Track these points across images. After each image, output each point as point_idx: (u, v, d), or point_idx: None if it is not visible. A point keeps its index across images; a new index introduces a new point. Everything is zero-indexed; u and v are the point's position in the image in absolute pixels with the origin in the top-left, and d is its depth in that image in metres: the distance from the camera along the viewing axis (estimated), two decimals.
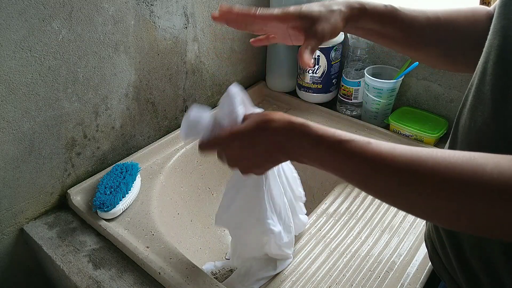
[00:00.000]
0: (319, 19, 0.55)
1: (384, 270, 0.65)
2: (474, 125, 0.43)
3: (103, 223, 0.72)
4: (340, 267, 0.67)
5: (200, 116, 0.55)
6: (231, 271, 0.74)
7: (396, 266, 0.66)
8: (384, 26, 0.57)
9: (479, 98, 0.43)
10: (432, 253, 0.55)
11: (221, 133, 0.52)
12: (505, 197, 0.32)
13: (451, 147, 0.48)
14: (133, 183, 0.77)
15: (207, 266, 0.75)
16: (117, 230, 0.71)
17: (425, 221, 0.68)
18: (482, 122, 0.42)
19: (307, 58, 0.52)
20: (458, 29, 0.56)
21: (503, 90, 0.39)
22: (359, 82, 0.98)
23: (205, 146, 0.55)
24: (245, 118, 0.54)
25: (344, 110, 1.03)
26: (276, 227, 0.62)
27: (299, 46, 1.05)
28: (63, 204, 0.80)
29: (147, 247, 0.69)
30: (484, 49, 0.43)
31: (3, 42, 0.61)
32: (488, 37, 0.43)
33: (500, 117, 0.40)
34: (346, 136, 0.42)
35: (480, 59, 0.44)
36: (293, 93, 1.10)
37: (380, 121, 0.97)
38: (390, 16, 0.56)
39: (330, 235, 0.73)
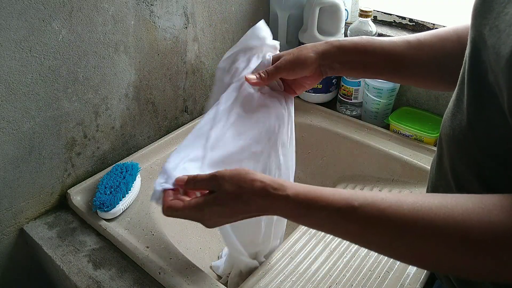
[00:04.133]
0: (284, 55, 0.57)
1: (384, 270, 0.65)
2: (453, 133, 0.43)
3: (103, 223, 0.72)
4: (340, 267, 0.67)
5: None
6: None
7: (396, 266, 0.66)
8: (365, 56, 0.56)
9: (458, 107, 0.43)
10: None
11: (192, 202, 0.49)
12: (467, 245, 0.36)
13: (439, 155, 0.48)
14: (133, 183, 0.77)
15: (217, 263, 0.77)
16: (117, 230, 0.71)
17: None
18: (460, 131, 0.42)
19: (250, 77, 0.56)
20: (441, 49, 0.55)
21: (477, 99, 0.40)
22: (359, 82, 0.98)
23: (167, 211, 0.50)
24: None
25: (344, 110, 1.03)
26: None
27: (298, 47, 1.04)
28: (63, 204, 0.80)
29: (147, 247, 0.69)
30: (464, 60, 0.44)
31: (3, 42, 0.61)
32: (467, 47, 0.43)
33: (475, 127, 0.40)
34: (330, 205, 0.42)
35: (461, 69, 0.44)
36: None
37: (380, 121, 0.97)
38: (368, 45, 0.56)
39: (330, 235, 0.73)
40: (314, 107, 1.03)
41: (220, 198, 0.47)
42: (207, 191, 0.49)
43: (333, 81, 1.04)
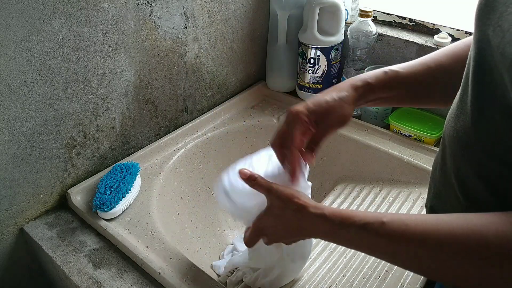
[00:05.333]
0: (328, 110, 0.56)
1: (384, 270, 0.65)
2: (457, 134, 0.43)
3: (103, 223, 0.72)
4: (340, 267, 0.67)
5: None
6: (233, 271, 0.74)
7: (396, 266, 0.66)
8: (391, 91, 0.59)
9: (462, 108, 0.43)
10: None
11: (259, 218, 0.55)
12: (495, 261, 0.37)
13: (442, 156, 0.48)
14: (133, 183, 0.77)
15: (219, 263, 0.77)
16: (117, 230, 0.71)
17: None
18: (464, 132, 0.42)
19: (309, 158, 0.56)
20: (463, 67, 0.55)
21: (480, 100, 0.40)
22: None
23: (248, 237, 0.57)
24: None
25: None
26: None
27: (300, 47, 1.05)
28: (63, 204, 0.80)
29: (147, 247, 0.69)
30: (467, 61, 0.44)
31: (3, 42, 0.61)
32: (471, 48, 0.43)
33: (479, 128, 0.40)
34: (361, 220, 0.46)
35: (465, 70, 0.44)
36: (293, 93, 1.10)
37: (380, 121, 0.97)
38: (394, 81, 0.58)
39: None
40: None
41: (269, 210, 0.54)
42: None
43: (333, 81, 1.04)
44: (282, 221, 0.53)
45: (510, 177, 0.38)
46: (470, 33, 0.95)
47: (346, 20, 1.02)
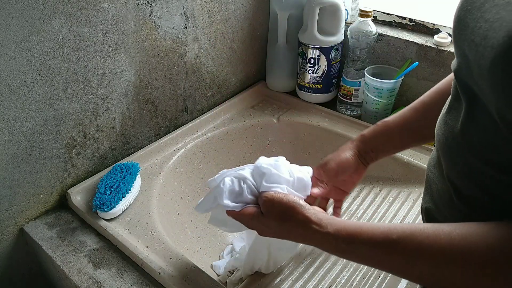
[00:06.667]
0: (328, 161, 0.65)
1: None
2: (446, 140, 0.45)
3: (103, 223, 0.72)
4: (340, 267, 0.67)
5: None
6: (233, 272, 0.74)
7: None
8: (387, 138, 0.64)
9: (451, 114, 0.45)
10: None
11: (249, 211, 0.55)
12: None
13: (436, 158, 0.49)
14: (133, 183, 0.77)
15: (219, 263, 0.77)
16: (117, 230, 0.71)
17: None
18: (452, 138, 0.43)
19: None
20: (444, 101, 0.58)
21: (468, 109, 0.41)
22: (359, 82, 0.98)
23: (232, 215, 0.57)
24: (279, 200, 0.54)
25: (344, 110, 1.03)
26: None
27: (300, 47, 1.05)
28: (63, 204, 0.80)
29: (147, 247, 0.69)
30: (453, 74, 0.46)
31: (3, 42, 0.61)
32: (453, 62, 0.45)
33: (467, 134, 0.41)
34: (370, 239, 0.45)
35: (453, 81, 0.46)
36: (293, 93, 1.10)
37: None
38: (384, 128, 0.65)
39: None
40: (314, 107, 1.03)
41: (265, 219, 0.53)
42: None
43: (333, 81, 1.04)
44: (279, 229, 0.52)
45: (498, 177, 0.39)
46: None
47: (346, 20, 1.02)
